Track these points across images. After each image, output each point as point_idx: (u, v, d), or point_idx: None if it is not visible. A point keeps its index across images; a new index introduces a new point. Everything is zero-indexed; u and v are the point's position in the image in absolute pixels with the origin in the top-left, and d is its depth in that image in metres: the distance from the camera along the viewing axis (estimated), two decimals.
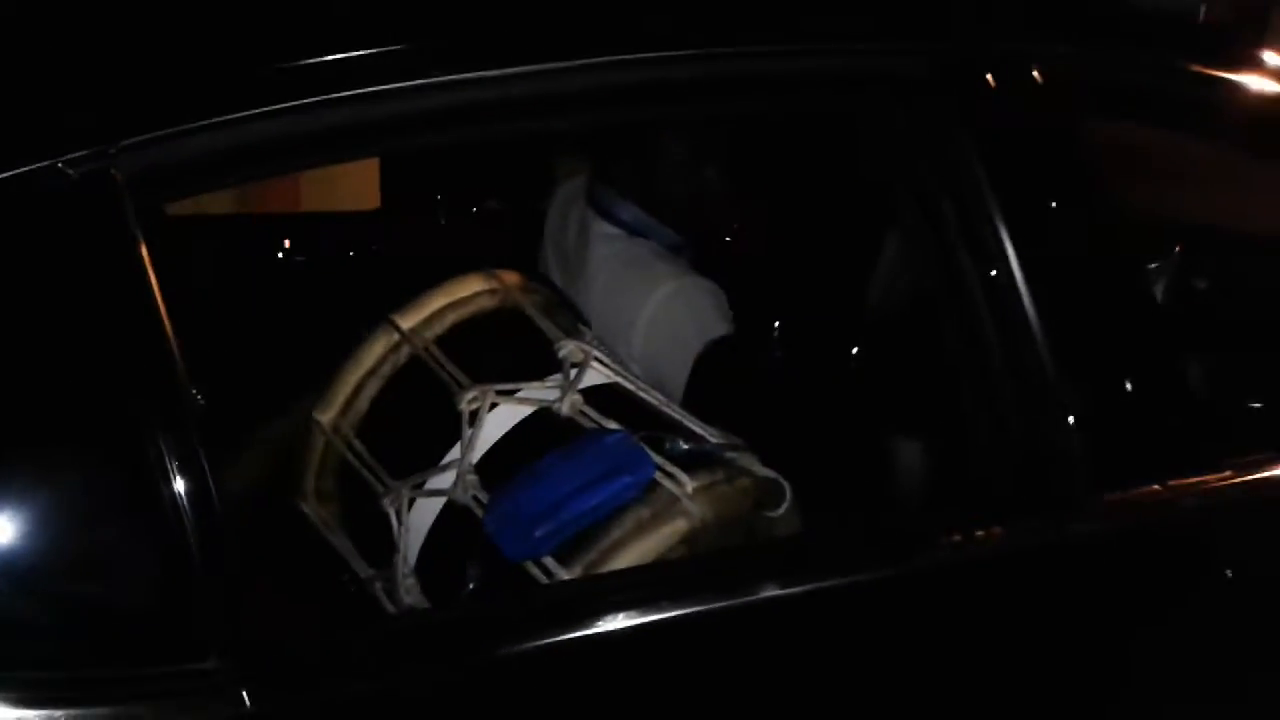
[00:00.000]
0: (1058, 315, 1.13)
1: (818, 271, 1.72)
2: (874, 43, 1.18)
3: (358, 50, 1.06)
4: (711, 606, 1.04)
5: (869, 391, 1.49)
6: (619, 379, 1.41)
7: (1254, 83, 1.51)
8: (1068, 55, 1.29)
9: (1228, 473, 1.23)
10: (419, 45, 1.10)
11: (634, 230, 1.81)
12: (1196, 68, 1.44)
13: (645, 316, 1.74)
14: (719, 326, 1.72)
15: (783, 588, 1.04)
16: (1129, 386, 1.16)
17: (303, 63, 1.06)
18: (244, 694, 0.87)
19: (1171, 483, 1.17)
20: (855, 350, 1.52)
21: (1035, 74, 1.23)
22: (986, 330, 1.14)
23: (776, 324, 1.61)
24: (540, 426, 1.34)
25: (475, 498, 1.32)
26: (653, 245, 1.81)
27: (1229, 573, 1.20)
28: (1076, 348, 1.15)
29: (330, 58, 1.06)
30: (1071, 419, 1.12)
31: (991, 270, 1.14)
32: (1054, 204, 1.19)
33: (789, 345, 1.62)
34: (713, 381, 1.55)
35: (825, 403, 1.50)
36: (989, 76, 1.19)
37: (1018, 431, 1.14)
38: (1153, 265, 1.69)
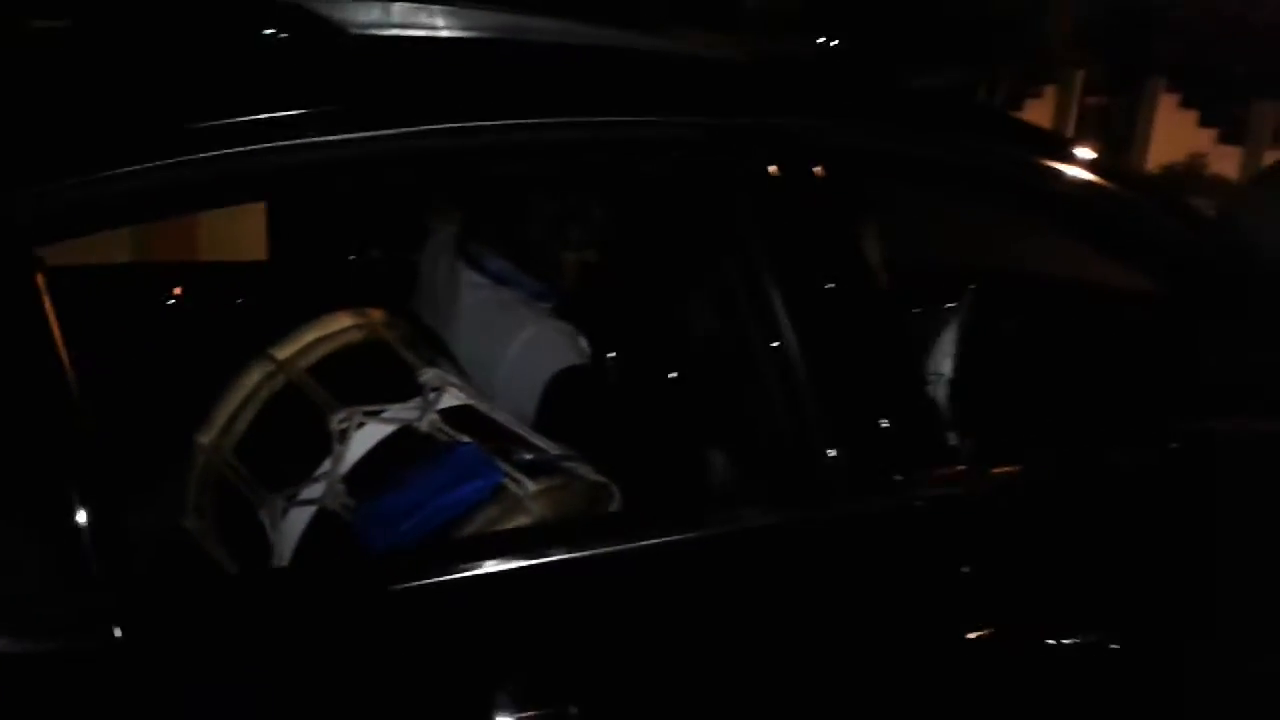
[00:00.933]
0: (820, 350, 1.37)
1: (650, 311, 1.95)
2: (670, 115, 1.42)
3: (246, 115, 1.26)
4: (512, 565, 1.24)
5: (685, 410, 1.71)
6: (472, 401, 1.61)
7: (1029, 152, 1.77)
8: (845, 129, 1.54)
9: (962, 468, 1.47)
10: (294, 110, 1.30)
11: (499, 279, 2.01)
12: (971, 141, 1.71)
13: (509, 356, 1.93)
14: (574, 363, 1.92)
15: (575, 551, 1.25)
16: (880, 410, 1.40)
17: (196, 124, 1.25)
18: (115, 628, 1.04)
19: (911, 475, 1.40)
20: (674, 375, 1.75)
21: (814, 146, 1.48)
22: (767, 365, 1.37)
23: (612, 354, 1.83)
24: (402, 442, 1.53)
25: (344, 505, 1.50)
26: (516, 293, 2.01)
27: (966, 569, 1.43)
28: (837, 377, 1.39)
29: (221, 121, 1.25)
30: (831, 434, 1.35)
31: (770, 320, 1.37)
32: (825, 266, 1.43)
33: (624, 372, 1.84)
34: (557, 404, 1.76)
35: (650, 419, 1.72)
36: (770, 150, 1.43)
37: (789, 443, 1.37)
38: (949, 305, 1.95)
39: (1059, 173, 1.69)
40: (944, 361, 1.96)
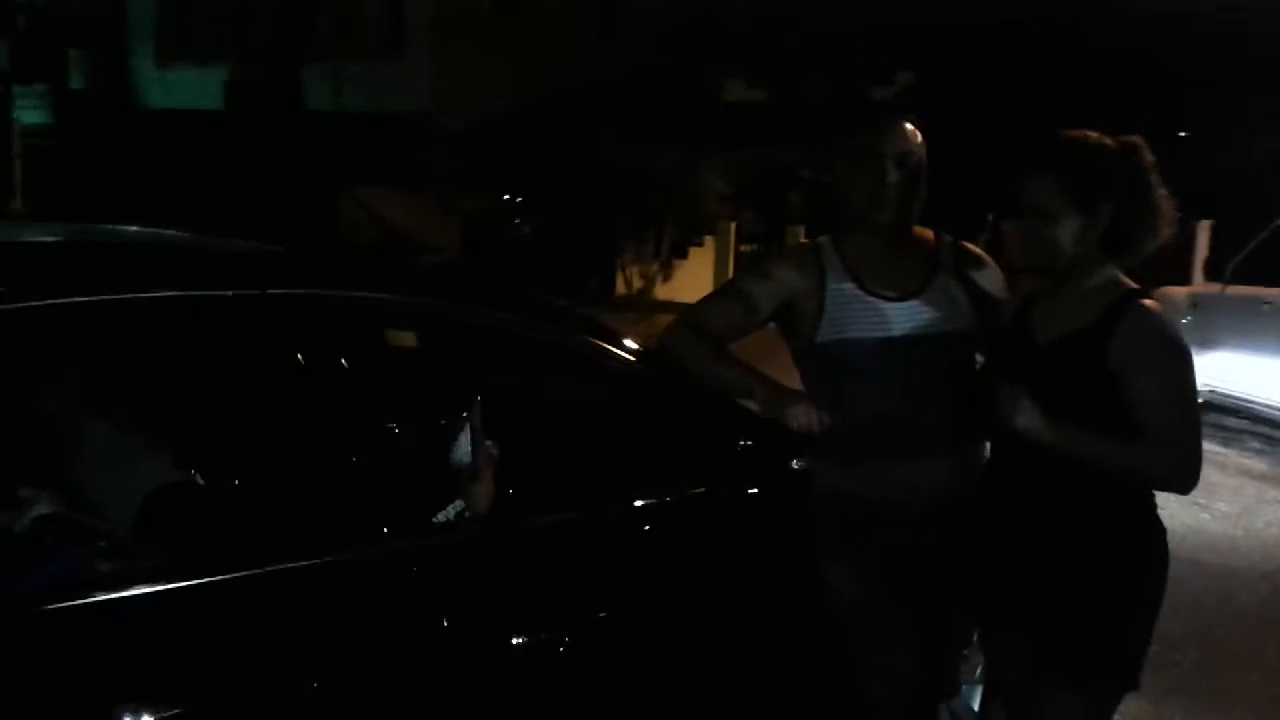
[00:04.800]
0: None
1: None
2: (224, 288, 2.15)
3: None
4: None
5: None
6: (59, 510, 2.17)
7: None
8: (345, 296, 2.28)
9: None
10: None
11: (122, 428, 2.57)
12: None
13: (129, 485, 2.49)
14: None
15: None
16: None
17: None
18: None
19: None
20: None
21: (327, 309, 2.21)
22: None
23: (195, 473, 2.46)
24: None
25: None
26: (136, 438, 2.57)
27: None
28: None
29: None
30: None
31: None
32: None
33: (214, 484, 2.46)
34: (154, 511, 2.33)
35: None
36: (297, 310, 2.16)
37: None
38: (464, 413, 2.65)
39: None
40: (464, 455, 2.65)
